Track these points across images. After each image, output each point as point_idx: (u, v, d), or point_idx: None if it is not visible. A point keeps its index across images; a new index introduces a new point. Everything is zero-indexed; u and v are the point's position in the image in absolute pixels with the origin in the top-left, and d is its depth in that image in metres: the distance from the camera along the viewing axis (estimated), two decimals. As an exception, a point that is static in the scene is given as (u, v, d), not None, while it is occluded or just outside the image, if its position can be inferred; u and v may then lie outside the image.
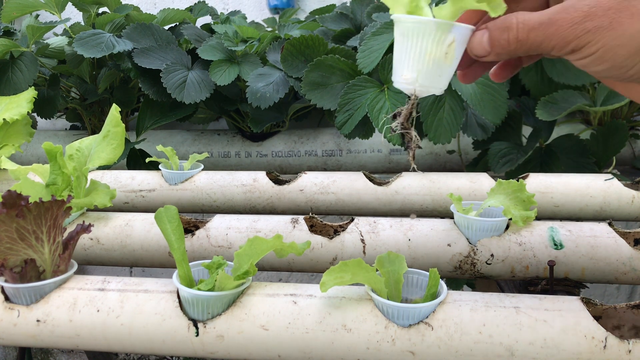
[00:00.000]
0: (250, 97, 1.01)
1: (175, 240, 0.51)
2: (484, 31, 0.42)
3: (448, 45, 0.41)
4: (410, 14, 0.42)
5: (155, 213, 0.52)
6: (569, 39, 0.39)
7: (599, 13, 0.38)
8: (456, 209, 0.65)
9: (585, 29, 0.38)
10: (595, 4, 0.38)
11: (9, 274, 0.52)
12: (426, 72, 0.42)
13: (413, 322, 0.48)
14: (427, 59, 0.42)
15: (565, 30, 0.38)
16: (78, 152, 0.72)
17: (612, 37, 0.38)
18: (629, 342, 0.45)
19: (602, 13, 0.38)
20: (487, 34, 0.41)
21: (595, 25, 0.38)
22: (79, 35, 1.04)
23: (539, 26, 0.39)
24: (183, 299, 0.51)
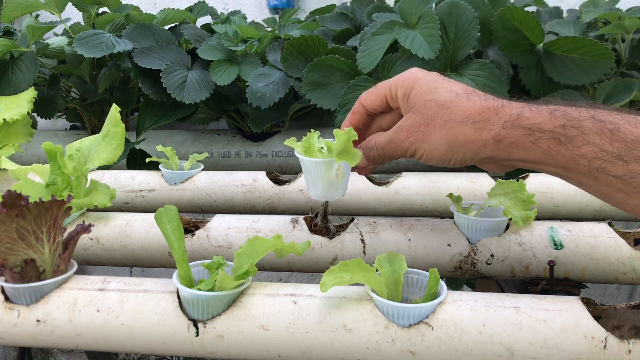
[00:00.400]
0: (250, 97, 1.01)
1: (175, 240, 0.51)
2: (360, 150, 0.59)
3: (336, 170, 0.59)
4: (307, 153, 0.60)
5: (155, 213, 0.52)
6: (405, 151, 0.55)
7: (415, 130, 0.54)
8: (456, 209, 0.65)
9: (410, 142, 0.54)
10: (412, 124, 0.54)
11: (9, 274, 0.52)
12: (326, 189, 0.60)
13: (413, 322, 0.48)
14: (324, 182, 0.60)
15: (400, 145, 0.55)
16: (78, 152, 0.72)
17: (427, 145, 0.53)
18: (629, 342, 0.45)
19: (417, 129, 0.53)
20: (360, 151, 0.58)
21: (416, 139, 0.54)
22: (79, 35, 1.04)
23: (386, 145, 0.56)
24: (183, 299, 0.51)
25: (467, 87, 0.54)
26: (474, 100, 0.52)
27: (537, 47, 0.97)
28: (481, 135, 0.50)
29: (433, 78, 0.55)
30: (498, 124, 0.49)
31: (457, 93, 0.53)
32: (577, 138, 0.45)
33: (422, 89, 0.54)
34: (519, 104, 0.50)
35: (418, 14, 0.93)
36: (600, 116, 0.45)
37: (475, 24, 0.91)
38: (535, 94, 0.99)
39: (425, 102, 0.53)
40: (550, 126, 0.47)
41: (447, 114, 0.52)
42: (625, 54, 1.04)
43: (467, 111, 0.51)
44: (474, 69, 0.91)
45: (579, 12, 1.18)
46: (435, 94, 0.53)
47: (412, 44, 0.89)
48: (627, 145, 0.43)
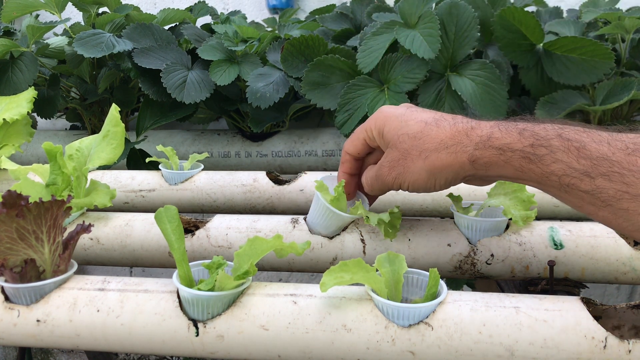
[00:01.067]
0: (250, 97, 1.01)
1: (175, 240, 0.51)
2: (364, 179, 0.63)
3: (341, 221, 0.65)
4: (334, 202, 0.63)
5: (155, 213, 0.52)
6: (391, 185, 0.58)
7: (395, 164, 0.56)
8: (456, 209, 0.65)
9: (394, 177, 0.57)
10: (392, 159, 0.57)
11: (9, 274, 0.52)
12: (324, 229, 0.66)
13: (413, 322, 0.48)
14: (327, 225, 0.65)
15: (385, 180, 0.58)
16: (78, 152, 0.72)
17: (409, 176, 0.55)
18: (629, 342, 0.45)
19: (397, 164, 0.56)
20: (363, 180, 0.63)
21: (398, 173, 0.56)
22: (79, 35, 1.04)
23: (374, 181, 0.60)
24: (183, 299, 0.51)
25: (436, 113, 0.56)
26: (443, 126, 0.54)
27: (537, 47, 0.97)
28: (456, 158, 0.52)
29: (402, 112, 0.57)
30: (470, 145, 0.52)
31: (426, 122, 0.55)
32: (546, 156, 0.47)
33: (394, 125, 0.56)
34: (488, 124, 0.52)
35: (418, 13, 0.93)
36: (567, 134, 0.47)
37: (475, 24, 0.91)
38: (535, 93, 0.99)
39: (398, 137, 0.56)
40: (519, 146, 0.49)
41: (420, 144, 0.54)
42: (625, 54, 1.04)
43: (439, 138, 0.53)
44: (474, 69, 0.91)
45: (579, 12, 1.18)
46: (406, 128, 0.55)
47: (412, 44, 0.89)
48: (593, 162, 0.45)
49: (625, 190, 0.43)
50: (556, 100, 0.94)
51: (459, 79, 0.90)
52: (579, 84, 0.94)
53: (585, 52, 0.92)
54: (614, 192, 0.44)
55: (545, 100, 0.95)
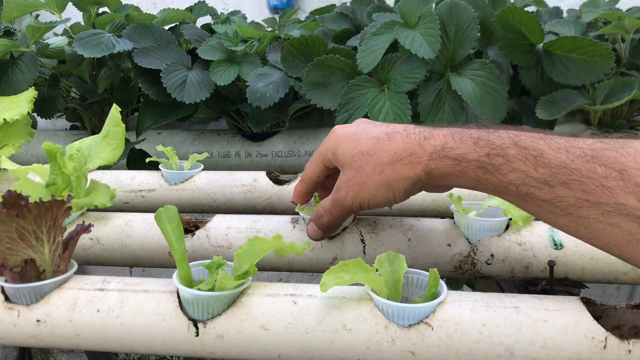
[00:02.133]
0: (250, 97, 1.01)
1: (175, 240, 0.51)
2: (311, 224, 0.62)
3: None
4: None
5: (155, 213, 0.52)
6: (350, 207, 0.56)
7: (351, 185, 0.55)
8: (456, 209, 0.65)
9: (352, 198, 0.55)
10: (347, 179, 0.56)
11: (9, 274, 0.52)
12: None
13: (413, 322, 0.48)
14: None
15: (344, 203, 0.56)
16: (78, 152, 0.72)
17: (367, 193, 0.54)
18: (629, 342, 0.45)
19: (352, 183, 0.55)
20: (314, 224, 0.62)
21: (355, 193, 0.55)
22: (79, 35, 1.04)
23: (332, 207, 0.58)
24: (183, 299, 0.51)
25: (388, 127, 0.55)
26: (395, 139, 0.53)
27: (537, 47, 0.97)
28: (411, 169, 0.52)
29: (354, 131, 0.57)
30: (424, 156, 0.51)
31: (378, 138, 0.54)
32: (503, 166, 0.46)
33: (347, 145, 0.56)
34: (442, 133, 0.51)
35: (418, 14, 0.93)
36: (523, 142, 0.46)
37: (475, 24, 0.91)
38: (535, 93, 0.99)
39: (352, 156, 0.55)
40: (475, 156, 0.48)
41: (374, 159, 0.53)
42: (625, 53, 1.04)
43: (392, 151, 0.53)
44: (474, 69, 0.91)
45: (579, 12, 1.19)
46: (359, 146, 0.55)
47: (412, 44, 0.89)
48: (552, 170, 0.44)
49: (585, 198, 0.43)
50: (556, 100, 0.94)
51: (459, 79, 0.90)
52: (579, 84, 0.94)
53: (585, 52, 0.92)
54: (574, 200, 0.43)
55: (546, 100, 0.95)
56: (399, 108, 0.89)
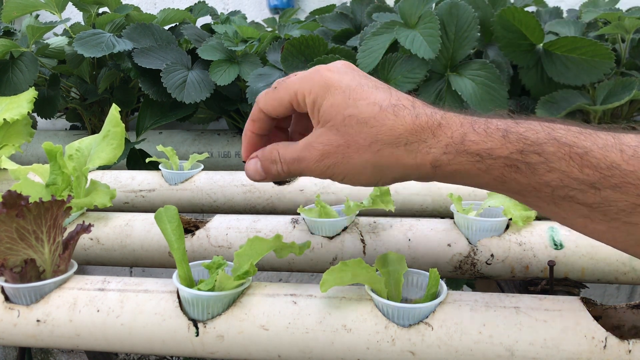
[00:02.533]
0: (251, 97, 1.01)
1: (175, 240, 0.51)
2: (256, 160, 0.50)
3: None
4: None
5: (155, 213, 0.52)
6: (318, 173, 0.46)
7: (332, 150, 0.45)
8: (456, 209, 0.65)
9: (325, 165, 0.45)
10: (329, 143, 0.45)
11: (9, 274, 0.52)
12: None
13: (413, 322, 0.47)
14: None
15: (312, 166, 0.46)
16: (78, 152, 0.72)
17: (348, 169, 0.45)
18: (629, 342, 0.45)
19: (334, 150, 0.44)
20: (259, 163, 0.49)
21: (333, 162, 0.45)
22: (79, 35, 1.04)
23: (293, 162, 0.47)
24: (183, 299, 0.51)
25: (392, 94, 0.45)
26: (403, 116, 0.43)
27: (537, 47, 0.97)
28: (416, 158, 0.43)
29: (349, 85, 0.45)
30: (437, 147, 0.42)
31: (381, 106, 0.44)
32: (540, 165, 0.40)
33: (337, 100, 0.44)
34: (458, 121, 0.43)
35: (418, 14, 0.93)
36: (563, 138, 0.40)
37: (475, 24, 0.91)
38: (535, 93, 0.99)
39: (343, 118, 0.44)
40: (505, 152, 0.40)
41: (372, 133, 0.43)
42: (625, 54, 1.04)
43: (397, 130, 0.43)
44: (474, 69, 0.91)
45: (579, 12, 1.18)
46: (354, 108, 0.44)
47: (412, 44, 0.89)
48: (602, 172, 0.38)
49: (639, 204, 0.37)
50: (556, 100, 0.94)
51: (459, 79, 0.90)
52: (579, 84, 0.94)
53: (585, 52, 0.92)
54: (626, 205, 0.38)
55: (546, 100, 0.95)
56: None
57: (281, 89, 0.47)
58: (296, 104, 0.47)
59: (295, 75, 0.47)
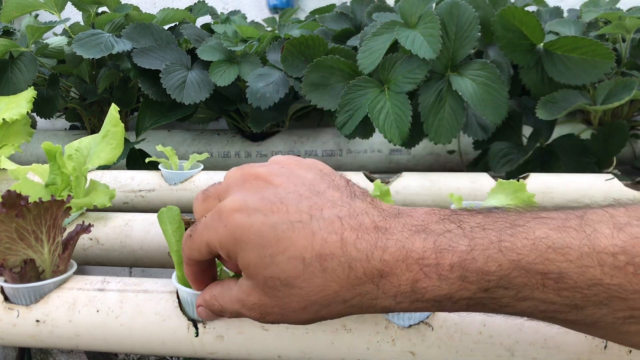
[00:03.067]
0: (250, 97, 1.01)
1: (175, 242, 0.51)
2: (203, 308, 0.45)
3: None
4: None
5: (158, 213, 0.51)
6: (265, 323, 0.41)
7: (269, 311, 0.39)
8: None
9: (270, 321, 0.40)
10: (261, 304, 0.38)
11: (9, 274, 0.51)
12: None
13: (413, 323, 0.47)
14: None
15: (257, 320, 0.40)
16: (77, 152, 0.72)
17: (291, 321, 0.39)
18: (629, 342, 0.44)
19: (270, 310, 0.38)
20: (209, 311, 0.44)
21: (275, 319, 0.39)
22: (78, 36, 1.04)
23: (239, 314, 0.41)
24: (182, 299, 0.51)
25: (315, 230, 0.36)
26: (332, 269, 0.36)
27: (537, 46, 0.97)
28: (362, 311, 0.38)
29: (261, 233, 0.36)
30: (383, 297, 0.36)
31: (304, 260, 0.36)
32: (510, 298, 0.35)
33: (252, 259, 0.37)
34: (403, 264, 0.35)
35: (418, 13, 0.93)
36: (530, 262, 0.34)
37: (475, 24, 0.91)
38: (535, 93, 0.99)
39: (265, 279, 0.37)
40: (466, 294, 0.35)
41: (302, 295, 0.37)
42: (625, 53, 1.04)
43: (330, 289, 0.36)
44: (474, 69, 0.91)
45: (579, 12, 1.18)
46: (274, 267, 0.36)
47: (413, 44, 0.89)
48: (582, 292, 0.33)
49: (629, 315, 0.33)
50: (557, 100, 0.94)
51: (459, 79, 0.90)
52: (579, 84, 0.93)
53: (585, 51, 0.92)
54: (614, 319, 0.34)
55: (546, 100, 0.95)
56: (399, 108, 0.89)
57: (195, 238, 0.41)
58: (215, 252, 0.40)
59: (204, 218, 0.40)
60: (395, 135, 0.88)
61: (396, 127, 0.88)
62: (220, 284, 0.43)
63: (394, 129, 0.88)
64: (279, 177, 0.40)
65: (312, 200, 0.38)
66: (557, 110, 0.92)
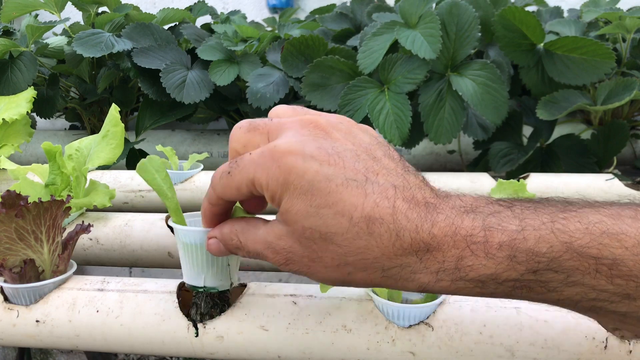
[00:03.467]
0: (251, 98, 1.01)
1: (168, 189, 0.47)
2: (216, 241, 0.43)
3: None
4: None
5: (138, 164, 0.47)
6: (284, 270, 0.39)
7: (296, 259, 0.38)
8: (456, 209, 0.65)
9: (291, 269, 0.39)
10: (290, 250, 0.37)
11: (8, 274, 0.51)
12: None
13: (413, 323, 0.47)
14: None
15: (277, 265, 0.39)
16: (77, 152, 0.72)
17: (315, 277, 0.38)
18: (629, 342, 0.44)
19: (298, 260, 0.37)
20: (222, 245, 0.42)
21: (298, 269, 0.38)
22: (78, 35, 1.04)
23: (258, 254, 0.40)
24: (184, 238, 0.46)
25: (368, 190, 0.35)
26: (379, 234, 0.34)
27: (537, 46, 0.97)
28: (397, 283, 0.36)
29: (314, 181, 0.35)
30: (424, 273, 0.35)
31: (351, 219, 0.34)
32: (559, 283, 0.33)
33: (297, 206, 0.36)
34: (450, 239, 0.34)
35: (418, 13, 0.93)
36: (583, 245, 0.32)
37: (475, 24, 0.91)
38: (535, 93, 0.99)
39: (303, 229, 0.36)
40: (513, 275, 0.33)
41: (340, 253, 0.35)
42: (626, 53, 1.04)
43: (371, 254, 0.35)
44: (474, 69, 0.91)
45: (579, 12, 1.18)
46: (317, 219, 0.35)
47: (413, 44, 0.89)
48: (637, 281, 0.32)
49: None
50: (557, 100, 0.94)
51: (459, 79, 0.90)
52: (579, 84, 0.93)
53: (586, 51, 0.92)
54: None
55: (546, 100, 0.95)
56: (399, 109, 0.89)
57: (236, 175, 0.39)
58: (255, 191, 0.39)
59: (251, 155, 0.38)
60: (395, 136, 0.88)
61: (396, 127, 0.88)
62: (244, 221, 0.41)
63: (394, 129, 0.88)
64: (338, 132, 0.38)
65: (369, 163, 0.37)
66: (557, 110, 0.92)
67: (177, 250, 0.64)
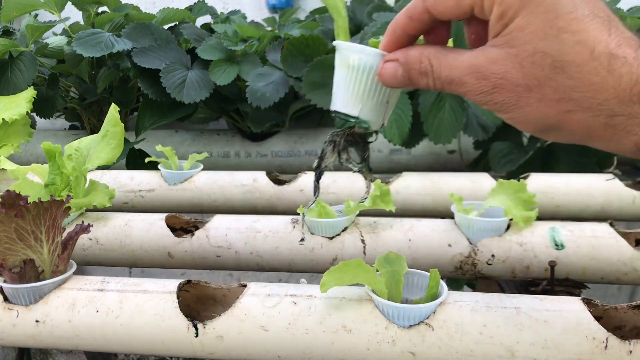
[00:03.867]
0: (250, 97, 1.01)
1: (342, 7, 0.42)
2: (396, 65, 0.39)
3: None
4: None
5: None
6: (481, 103, 0.36)
7: (507, 87, 0.34)
8: (457, 209, 0.65)
9: (493, 101, 0.35)
10: (504, 76, 0.34)
11: (8, 275, 0.51)
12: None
13: (413, 323, 0.47)
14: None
15: (475, 97, 0.36)
16: (77, 152, 0.72)
17: (520, 114, 0.35)
18: (630, 342, 0.44)
19: (510, 88, 0.34)
20: (401, 69, 0.39)
21: (503, 100, 0.35)
22: (78, 35, 1.04)
23: (451, 83, 0.37)
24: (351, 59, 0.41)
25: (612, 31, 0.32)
26: (619, 74, 0.31)
27: (537, 46, 0.96)
28: (615, 135, 0.33)
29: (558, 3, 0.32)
30: None
31: (592, 51, 0.32)
32: None
33: (534, 24, 0.32)
34: None
35: (418, 13, 0.93)
36: None
37: (475, 24, 0.90)
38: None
39: (534, 51, 0.33)
40: None
41: (567, 86, 0.32)
42: (625, 53, 1.04)
43: (604, 93, 0.32)
44: (474, 68, 0.90)
45: (579, 12, 1.18)
46: (554, 44, 0.32)
47: (413, 44, 0.89)
48: None
49: None
50: (557, 100, 0.94)
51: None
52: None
53: (585, 51, 0.92)
54: None
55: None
56: (399, 108, 0.89)
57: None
58: (479, 9, 0.35)
59: None
60: (395, 136, 0.87)
61: (396, 127, 0.88)
62: (436, 47, 0.38)
63: (394, 129, 0.88)
64: None
65: (608, 13, 0.34)
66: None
67: (177, 250, 0.64)
